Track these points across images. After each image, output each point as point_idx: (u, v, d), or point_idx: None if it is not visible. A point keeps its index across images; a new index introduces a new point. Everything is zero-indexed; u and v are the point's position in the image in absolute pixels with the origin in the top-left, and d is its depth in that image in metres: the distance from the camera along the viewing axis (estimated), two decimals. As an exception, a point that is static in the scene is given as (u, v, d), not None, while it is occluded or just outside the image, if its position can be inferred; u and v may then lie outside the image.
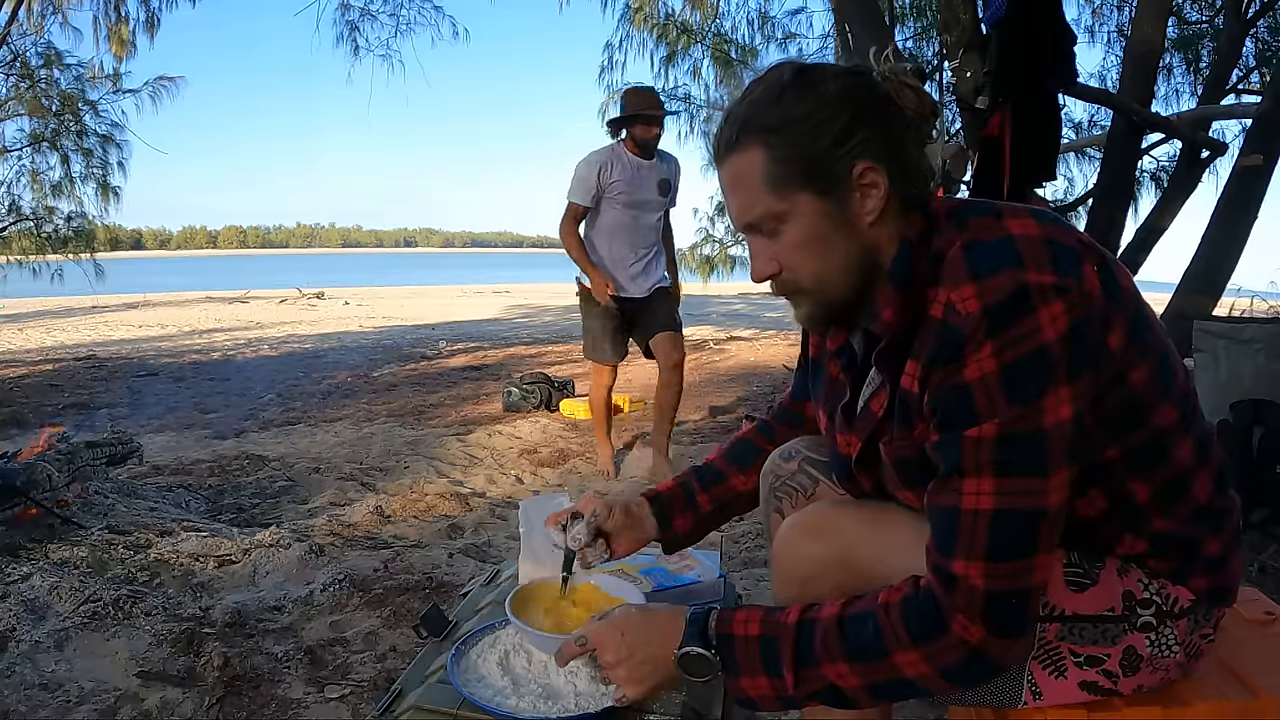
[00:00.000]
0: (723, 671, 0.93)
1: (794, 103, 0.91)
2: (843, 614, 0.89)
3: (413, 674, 1.20)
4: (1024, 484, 0.82)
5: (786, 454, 1.24)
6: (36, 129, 8.41)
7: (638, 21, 8.31)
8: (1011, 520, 0.83)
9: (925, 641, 0.85)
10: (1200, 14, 7.25)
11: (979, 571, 0.83)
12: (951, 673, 0.86)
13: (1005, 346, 0.81)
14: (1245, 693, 1.00)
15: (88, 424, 4.89)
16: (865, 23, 3.99)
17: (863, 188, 0.92)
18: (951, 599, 0.84)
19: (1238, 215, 4.40)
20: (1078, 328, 0.82)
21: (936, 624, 0.85)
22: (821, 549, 1.01)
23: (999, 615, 0.83)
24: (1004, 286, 0.81)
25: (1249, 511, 2.33)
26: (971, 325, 0.82)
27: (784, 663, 0.90)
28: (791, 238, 0.94)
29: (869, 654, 0.87)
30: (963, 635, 0.84)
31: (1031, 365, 0.81)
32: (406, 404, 5.74)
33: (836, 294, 0.96)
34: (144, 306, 16.14)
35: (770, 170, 0.92)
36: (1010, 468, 0.82)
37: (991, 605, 0.83)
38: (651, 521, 1.25)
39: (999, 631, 0.84)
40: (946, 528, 0.85)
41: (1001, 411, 0.81)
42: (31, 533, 2.43)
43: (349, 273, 38.84)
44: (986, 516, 0.83)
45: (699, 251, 9.82)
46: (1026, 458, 0.82)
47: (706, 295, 12.76)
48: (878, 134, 0.91)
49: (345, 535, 2.74)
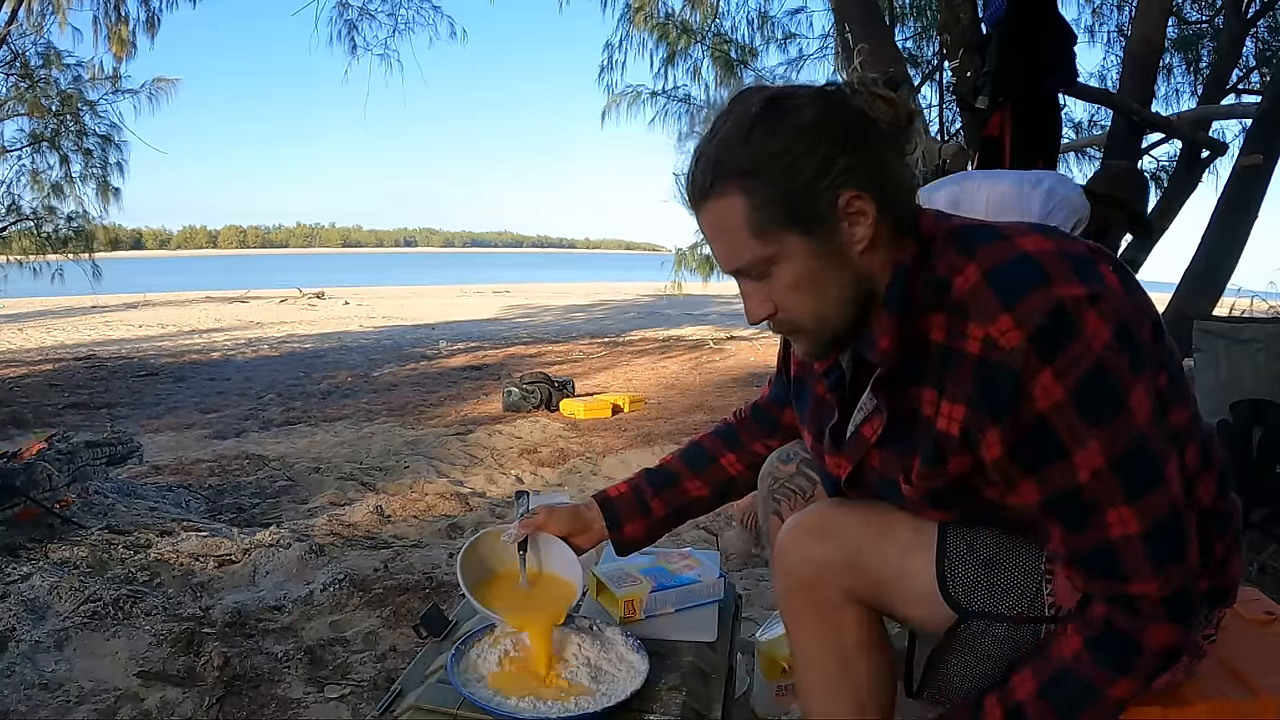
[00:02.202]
0: None
1: (766, 138, 0.86)
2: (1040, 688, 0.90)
3: (413, 674, 1.20)
4: (1154, 497, 0.84)
5: (784, 456, 1.23)
6: (36, 129, 8.42)
7: (638, 21, 8.31)
8: (1161, 531, 0.84)
9: (1130, 668, 0.87)
10: (1200, 14, 7.26)
11: (1155, 585, 0.85)
12: (1156, 674, 0.89)
13: (1065, 370, 0.80)
14: (1245, 692, 1.00)
15: (88, 424, 4.89)
16: (865, 23, 4.00)
17: (850, 216, 0.88)
18: (1140, 620, 0.86)
19: (1238, 215, 4.41)
20: (1122, 329, 0.82)
21: (1131, 649, 0.87)
22: (827, 551, 1.00)
23: (1182, 612, 0.86)
24: (1041, 307, 0.80)
25: (1249, 511, 2.32)
26: (1020, 357, 0.81)
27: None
28: (784, 279, 0.90)
29: (1084, 703, 0.89)
30: (1159, 645, 0.86)
31: (1099, 379, 0.81)
32: (406, 404, 5.73)
33: (835, 328, 0.94)
34: (144, 306, 16.14)
35: (751, 216, 0.88)
36: (1136, 487, 0.83)
37: (1174, 606, 0.86)
38: (600, 525, 1.26)
39: (1187, 625, 0.88)
40: (1107, 560, 0.86)
41: (1095, 436, 0.82)
42: (31, 533, 2.43)
43: (349, 273, 38.82)
44: (1139, 539, 0.84)
45: (699, 251, 9.81)
46: (1143, 469, 0.83)
47: (706, 295, 12.75)
48: (858, 158, 0.87)
49: (345, 535, 2.74)
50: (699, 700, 1.12)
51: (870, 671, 1.02)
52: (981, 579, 0.95)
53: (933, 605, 0.96)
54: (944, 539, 0.97)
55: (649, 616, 1.31)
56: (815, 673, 1.04)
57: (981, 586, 0.95)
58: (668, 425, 4.82)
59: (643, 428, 4.74)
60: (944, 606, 0.96)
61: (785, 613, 1.07)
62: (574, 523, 1.26)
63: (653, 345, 9.40)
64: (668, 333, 10.86)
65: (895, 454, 0.96)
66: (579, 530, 1.26)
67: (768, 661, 1.59)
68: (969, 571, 0.95)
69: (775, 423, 1.28)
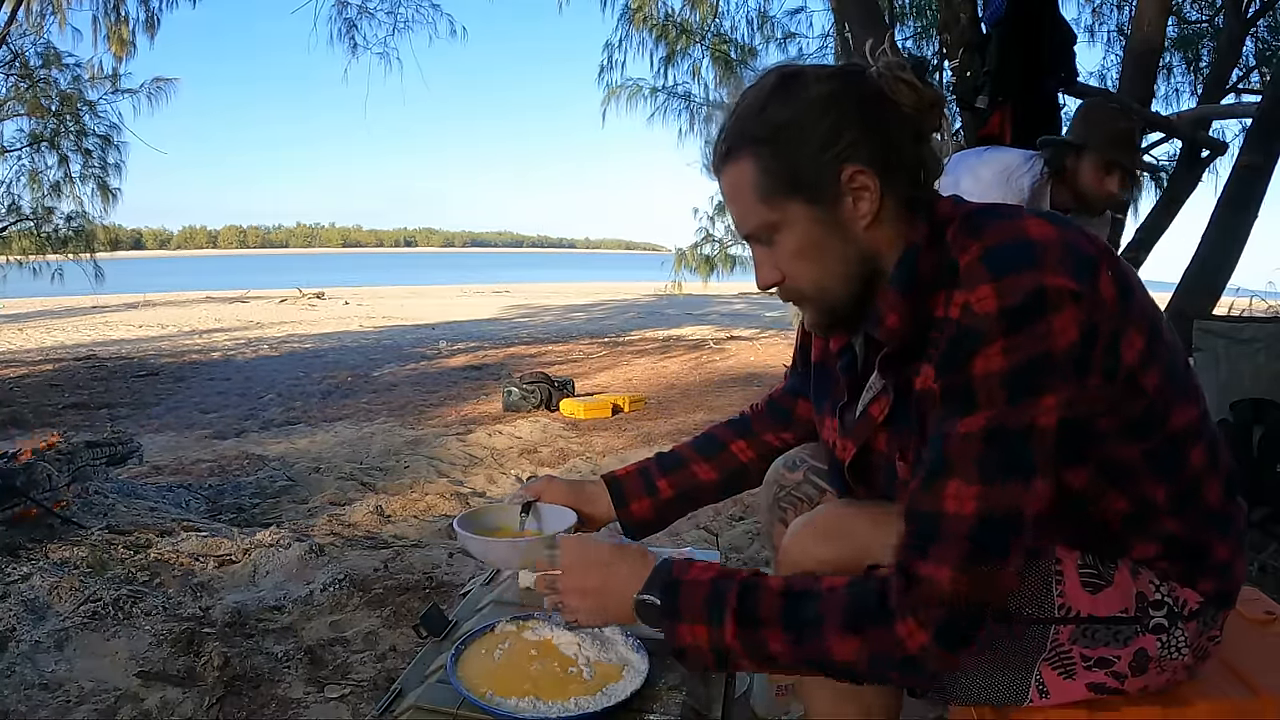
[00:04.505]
0: (667, 618, 0.93)
1: (778, 110, 0.91)
2: (788, 587, 0.90)
3: (413, 674, 1.20)
4: (1007, 490, 0.80)
5: (791, 463, 1.23)
6: (36, 129, 8.41)
7: (637, 21, 8.30)
8: (990, 528, 0.81)
9: (865, 633, 0.84)
10: (1200, 13, 7.24)
11: (947, 577, 0.81)
12: (880, 669, 0.85)
13: (1016, 346, 0.80)
14: (1245, 692, 1.00)
15: (88, 424, 4.89)
16: (865, 22, 3.99)
17: (854, 191, 0.90)
18: (907, 598, 0.82)
19: (1237, 215, 4.39)
20: (1088, 335, 0.81)
21: (881, 618, 0.83)
22: (832, 552, 0.99)
23: (951, 627, 0.82)
24: (1022, 287, 0.80)
25: (1249, 511, 2.33)
26: (987, 324, 0.81)
27: (727, 614, 0.90)
28: (788, 246, 0.94)
29: (806, 632, 0.87)
30: (906, 637, 0.82)
31: (1037, 367, 0.80)
32: (406, 404, 5.74)
33: (837, 300, 0.95)
34: (144, 306, 16.14)
35: (760, 181, 0.92)
36: (995, 470, 0.81)
37: (948, 615, 0.81)
38: (606, 500, 1.27)
39: (945, 644, 0.82)
40: (924, 529, 0.83)
41: (998, 407, 0.80)
42: (31, 533, 2.43)
43: (349, 272, 38.82)
44: (967, 521, 0.81)
45: (699, 251, 9.82)
46: (1012, 459, 0.81)
47: (706, 295, 12.76)
48: (867, 135, 0.89)
49: (345, 535, 2.74)
50: (699, 700, 1.12)
51: None
52: None
53: None
54: None
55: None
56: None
57: None
58: (668, 425, 4.82)
59: (643, 428, 4.75)
60: None
61: None
62: (577, 494, 1.28)
63: (653, 345, 9.40)
64: (668, 333, 10.86)
65: (899, 435, 0.97)
66: (583, 502, 1.28)
67: (768, 661, 1.59)
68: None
69: (789, 415, 1.28)
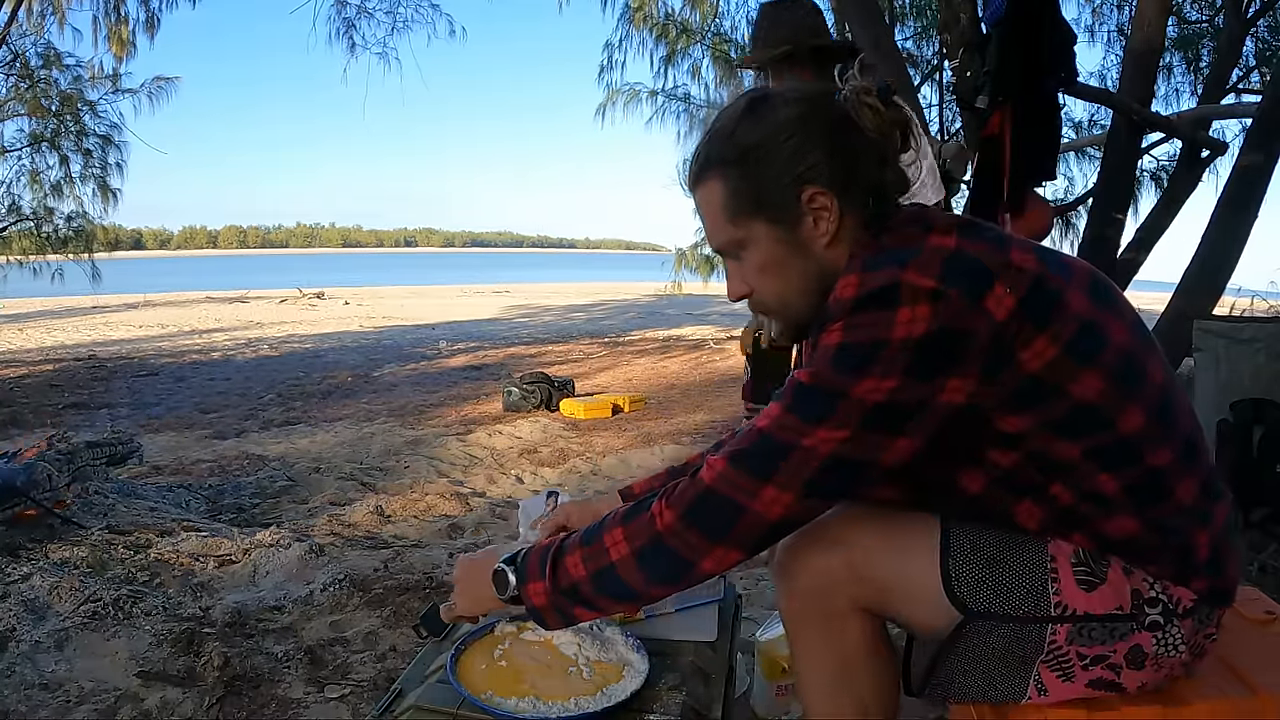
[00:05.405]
0: (520, 583, 1.01)
1: (747, 133, 0.96)
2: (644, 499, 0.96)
3: (413, 674, 1.20)
4: (793, 420, 0.87)
5: None
6: (36, 129, 8.41)
7: (637, 21, 8.31)
8: (767, 441, 0.88)
9: (628, 521, 0.93)
10: (1200, 13, 7.24)
11: (715, 470, 0.89)
12: (642, 557, 0.92)
13: (852, 328, 0.86)
14: (1245, 691, 1.00)
15: (88, 424, 4.89)
16: (865, 22, 3.98)
17: (814, 211, 0.95)
18: (678, 486, 0.91)
19: (1237, 215, 4.39)
20: (936, 334, 0.83)
21: (644, 505, 0.93)
22: (830, 560, 0.99)
23: (700, 510, 0.89)
24: (881, 280, 0.85)
25: (1249, 511, 2.33)
26: (841, 309, 0.87)
27: (548, 561, 0.97)
28: (754, 262, 1.00)
29: (593, 541, 0.95)
30: (656, 514, 0.91)
31: (863, 351, 0.85)
32: (406, 404, 5.74)
33: (799, 313, 1.01)
34: (144, 306, 16.15)
35: (727, 201, 0.98)
36: (792, 406, 0.88)
37: (701, 499, 0.89)
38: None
39: (691, 523, 0.89)
40: (734, 437, 0.93)
41: (821, 367, 0.87)
42: (31, 533, 2.43)
43: (349, 273, 38.82)
44: (755, 432, 0.89)
45: (699, 251, 9.84)
46: (809, 403, 0.87)
47: (707, 295, 12.76)
48: (830, 157, 0.94)
49: (345, 535, 2.74)
50: (699, 700, 1.12)
51: (873, 676, 1.02)
52: (986, 578, 0.95)
53: (937, 607, 0.96)
54: (946, 539, 0.97)
55: (649, 616, 1.32)
56: (818, 678, 1.04)
57: (986, 586, 0.94)
58: (668, 425, 4.83)
59: (643, 428, 4.74)
60: (948, 608, 0.95)
61: (788, 620, 1.06)
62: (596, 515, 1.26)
63: (653, 345, 9.41)
64: (668, 333, 10.87)
65: None
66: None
67: (768, 661, 1.60)
68: (973, 570, 0.95)
69: None
